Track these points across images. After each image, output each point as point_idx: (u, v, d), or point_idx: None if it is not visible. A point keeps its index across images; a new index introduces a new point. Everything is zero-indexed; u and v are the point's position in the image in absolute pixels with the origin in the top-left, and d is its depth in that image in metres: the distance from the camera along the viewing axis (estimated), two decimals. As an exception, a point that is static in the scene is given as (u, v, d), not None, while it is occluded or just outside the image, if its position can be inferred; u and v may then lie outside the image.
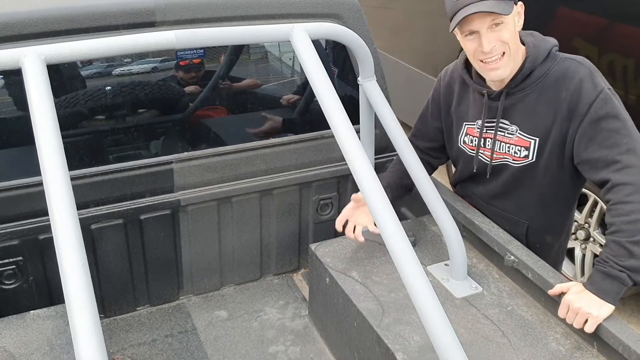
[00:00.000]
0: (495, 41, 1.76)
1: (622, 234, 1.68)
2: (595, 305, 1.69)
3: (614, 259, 1.69)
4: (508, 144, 1.95)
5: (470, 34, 1.78)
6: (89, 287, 1.18)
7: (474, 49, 1.80)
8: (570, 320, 1.75)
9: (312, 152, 2.55)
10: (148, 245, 2.41)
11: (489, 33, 1.75)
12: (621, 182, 1.70)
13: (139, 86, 2.55)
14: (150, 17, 2.07)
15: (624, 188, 1.69)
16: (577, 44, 3.23)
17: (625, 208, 1.69)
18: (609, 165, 1.73)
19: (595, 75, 1.79)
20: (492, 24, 1.74)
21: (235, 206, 2.50)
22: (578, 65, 1.81)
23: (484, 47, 1.75)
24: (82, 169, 2.20)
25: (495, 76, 1.85)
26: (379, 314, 1.94)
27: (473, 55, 1.83)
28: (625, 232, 1.68)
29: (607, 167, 1.74)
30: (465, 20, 1.74)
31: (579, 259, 3.57)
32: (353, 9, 2.38)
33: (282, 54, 3.14)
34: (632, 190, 1.68)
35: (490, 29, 1.75)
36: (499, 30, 1.75)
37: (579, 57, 1.85)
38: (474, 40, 1.78)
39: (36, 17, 1.94)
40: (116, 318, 2.49)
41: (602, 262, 1.71)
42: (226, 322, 2.50)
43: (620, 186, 1.70)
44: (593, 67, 1.81)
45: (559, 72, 1.82)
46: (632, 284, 1.69)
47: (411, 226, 2.39)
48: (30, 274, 2.25)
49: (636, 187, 1.68)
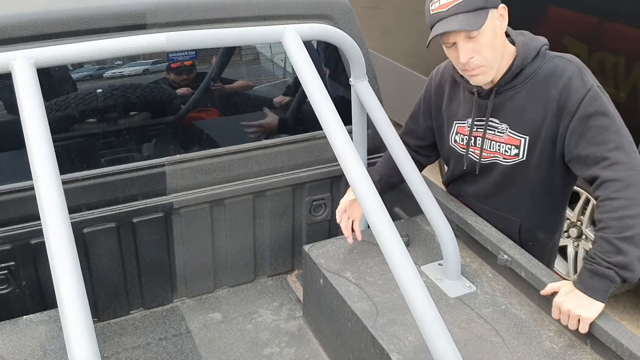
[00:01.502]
0: (472, 52, 1.77)
1: (610, 230, 1.68)
2: (585, 305, 1.70)
3: (602, 255, 1.68)
4: (498, 143, 1.96)
5: (450, 45, 1.81)
6: (82, 291, 1.17)
7: (455, 59, 1.83)
8: (563, 322, 1.76)
9: (304, 153, 2.55)
10: (141, 249, 2.40)
11: (465, 43, 1.77)
12: (609, 178, 1.70)
13: (131, 88, 2.54)
14: (140, 19, 2.06)
15: (612, 184, 1.69)
16: (567, 42, 3.25)
17: (612, 204, 1.69)
18: (598, 162, 1.74)
19: (584, 73, 1.80)
20: (468, 36, 1.76)
21: (229, 208, 2.49)
22: (567, 63, 1.82)
23: (461, 59, 1.78)
24: (73, 173, 2.19)
25: (478, 82, 1.87)
26: (373, 315, 1.94)
27: (456, 64, 1.87)
28: (613, 228, 1.67)
29: (596, 164, 1.74)
30: (441, 34, 1.77)
31: (571, 257, 3.59)
32: (344, 10, 2.38)
33: (273, 55, 3.14)
34: (620, 186, 1.68)
35: (466, 39, 1.76)
36: (476, 41, 1.76)
37: (568, 55, 1.87)
38: (454, 50, 1.81)
39: (26, 21, 1.93)
40: (110, 322, 2.48)
41: (590, 260, 1.71)
42: (220, 324, 2.49)
43: (608, 182, 1.70)
44: (582, 65, 1.83)
45: (548, 70, 1.83)
46: (620, 280, 1.68)
47: (404, 226, 2.39)
48: (23, 278, 2.24)
49: (624, 183, 1.68)
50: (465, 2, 1.72)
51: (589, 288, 1.70)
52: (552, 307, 1.78)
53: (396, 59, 4.96)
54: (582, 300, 1.70)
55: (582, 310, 1.69)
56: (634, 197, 1.67)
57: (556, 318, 1.79)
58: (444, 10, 1.74)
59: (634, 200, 1.67)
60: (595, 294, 1.69)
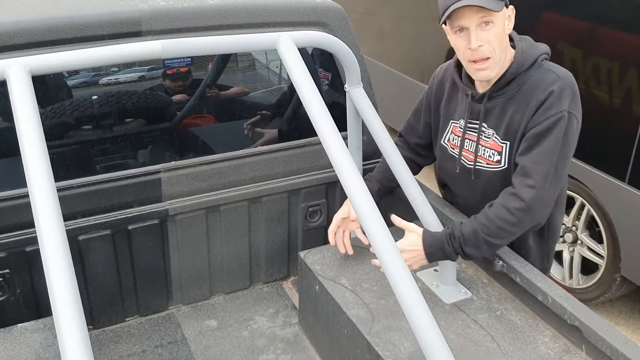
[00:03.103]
0: (482, 40, 1.78)
1: (487, 229, 1.85)
2: (418, 261, 1.95)
3: (462, 242, 1.87)
4: (484, 147, 1.98)
5: (460, 30, 1.81)
6: (77, 299, 1.17)
7: (464, 47, 1.82)
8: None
9: (300, 160, 2.56)
10: (136, 256, 2.40)
11: (477, 31, 1.78)
12: (521, 197, 1.83)
13: (126, 95, 2.54)
14: (136, 26, 2.06)
15: (518, 202, 1.83)
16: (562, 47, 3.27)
17: (505, 216, 1.84)
18: (524, 176, 1.85)
19: (567, 95, 1.82)
20: (482, 22, 1.77)
21: (224, 215, 2.49)
22: (556, 79, 1.84)
23: (472, 44, 1.78)
24: (68, 180, 2.18)
25: (482, 76, 1.87)
26: (369, 321, 1.94)
27: (462, 53, 1.85)
28: (490, 229, 1.85)
29: (522, 177, 1.85)
30: (455, 15, 1.77)
31: (567, 262, 3.60)
32: (339, 16, 2.39)
33: (269, 61, 3.14)
34: (521, 207, 1.83)
35: (479, 26, 1.77)
36: (487, 30, 1.78)
37: (563, 70, 1.88)
38: (464, 37, 1.81)
39: (21, 28, 1.93)
40: (105, 329, 2.47)
41: (449, 236, 1.89)
42: (216, 331, 2.49)
43: (517, 198, 1.84)
44: (570, 84, 1.85)
45: (537, 81, 1.86)
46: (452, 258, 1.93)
47: (400, 232, 2.39)
48: (17, 286, 2.23)
49: (526, 209, 1.83)
50: None
51: (431, 254, 1.92)
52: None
53: (391, 65, 4.97)
54: (419, 256, 1.94)
55: (415, 263, 1.95)
56: (521, 222, 1.86)
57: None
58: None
59: (518, 225, 1.87)
60: (429, 259, 1.94)
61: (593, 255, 3.44)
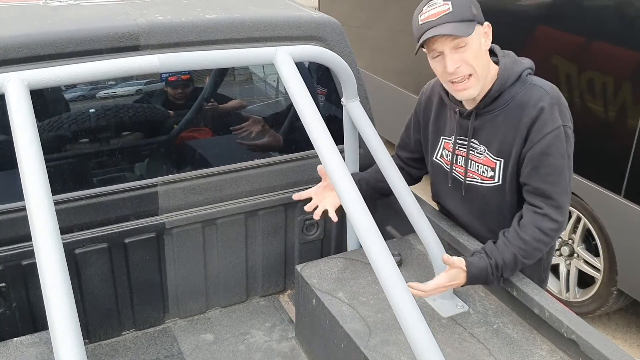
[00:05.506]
0: (459, 62, 1.80)
1: (523, 252, 1.86)
2: (459, 282, 1.89)
3: (503, 268, 1.87)
4: (477, 163, 1.99)
5: (437, 55, 1.83)
6: (73, 313, 1.17)
7: (441, 70, 1.85)
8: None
9: (296, 172, 2.56)
10: (133, 269, 2.39)
11: (452, 54, 1.79)
12: (554, 218, 1.86)
13: (123, 109, 2.55)
14: (133, 41, 2.07)
15: (552, 223, 1.86)
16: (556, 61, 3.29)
17: (541, 237, 1.86)
18: (545, 197, 1.86)
19: (557, 109, 1.84)
20: (456, 46, 1.78)
21: (221, 228, 2.49)
22: (543, 94, 1.85)
23: (448, 68, 1.80)
24: (65, 193, 2.18)
25: (463, 96, 1.89)
26: (366, 335, 1.93)
27: (441, 76, 1.88)
28: (526, 252, 1.87)
29: (544, 198, 1.87)
30: (429, 42, 1.80)
31: (563, 275, 3.60)
32: (336, 31, 2.40)
33: (266, 75, 3.16)
34: (556, 227, 1.87)
35: (454, 49, 1.79)
36: (462, 52, 1.79)
37: (549, 84, 1.89)
38: (440, 61, 1.83)
39: (19, 42, 1.94)
40: (101, 343, 2.46)
41: (494, 267, 1.87)
42: (212, 345, 2.48)
43: (550, 219, 1.86)
44: (558, 98, 1.86)
45: (524, 98, 1.87)
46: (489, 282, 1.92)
47: (397, 245, 2.40)
48: (13, 300, 2.22)
49: (560, 226, 1.88)
50: (455, 13, 1.75)
51: (475, 276, 1.88)
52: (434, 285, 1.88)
53: (388, 79, 5.00)
54: (453, 287, 1.94)
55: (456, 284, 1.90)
56: (553, 240, 1.92)
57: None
58: (434, 19, 1.77)
59: (550, 244, 1.92)
60: (472, 282, 1.90)
61: (589, 269, 3.44)
